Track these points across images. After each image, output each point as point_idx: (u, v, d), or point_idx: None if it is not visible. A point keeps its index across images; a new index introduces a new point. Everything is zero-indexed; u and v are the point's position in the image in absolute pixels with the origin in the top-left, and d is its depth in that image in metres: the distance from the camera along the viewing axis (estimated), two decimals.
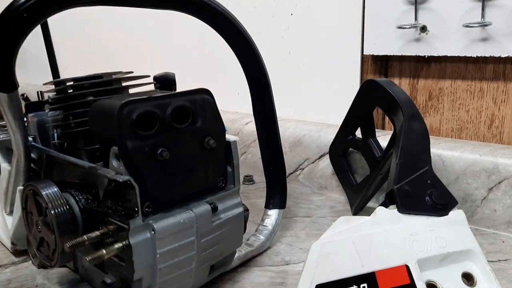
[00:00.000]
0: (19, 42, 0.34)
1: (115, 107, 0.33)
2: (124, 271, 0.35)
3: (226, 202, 0.40)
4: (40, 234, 0.38)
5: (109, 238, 0.35)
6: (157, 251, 0.34)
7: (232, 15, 0.45)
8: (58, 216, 0.35)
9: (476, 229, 0.54)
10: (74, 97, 0.42)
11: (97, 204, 0.37)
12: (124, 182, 0.33)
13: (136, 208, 0.33)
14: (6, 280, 0.45)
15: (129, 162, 0.33)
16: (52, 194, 0.36)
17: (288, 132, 0.72)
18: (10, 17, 0.32)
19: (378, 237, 0.38)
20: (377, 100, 0.55)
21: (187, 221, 0.36)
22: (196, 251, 0.37)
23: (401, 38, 0.59)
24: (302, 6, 0.71)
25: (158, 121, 0.34)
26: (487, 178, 0.53)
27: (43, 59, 0.99)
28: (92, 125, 0.38)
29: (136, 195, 0.33)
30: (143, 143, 0.34)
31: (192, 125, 0.37)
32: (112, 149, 0.34)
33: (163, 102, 0.35)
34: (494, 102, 0.57)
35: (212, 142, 0.37)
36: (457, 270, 0.38)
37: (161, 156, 0.34)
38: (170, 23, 0.92)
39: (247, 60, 0.47)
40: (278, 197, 0.52)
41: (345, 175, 0.64)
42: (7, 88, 0.35)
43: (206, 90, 0.38)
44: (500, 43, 0.52)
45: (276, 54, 0.76)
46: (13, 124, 0.38)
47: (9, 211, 0.47)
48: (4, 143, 0.47)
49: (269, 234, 0.50)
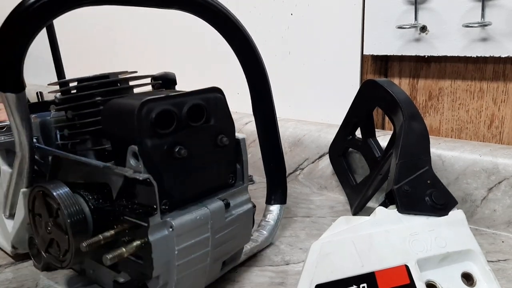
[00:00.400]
0: (28, 42, 0.34)
1: (134, 106, 0.33)
2: (142, 269, 0.35)
3: (236, 199, 0.41)
4: (49, 236, 0.38)
5: (125, 237, 0.35)
6: (175, 247, 0.34)
7: (234, 15, 0.45)
8: (71, 216, 0.36)
9: (476, 229, 0.54)
10: (83, 97, 0.42)
11: (109, 203, 0.37)
12: (144, 180, 0.33)
13: (155, 206, 0.34)
14: (6, 280, 0.45)
15: (148, 160, 0.33)
16: (64, 195, 0.36)
17: (288, 132, 0.72)
18: (19, 17, 0.32)
19: (378, 237, 0.38)
20: (377, 100, 0.55)
21: (203, 217, 0.36)
22: (211, 247, 0.38)
23: (401, 38, 0.59)
24: (302, 6, 0.71)
25: (176, 120, 0.35)
26: (487, 178, 0.53)
27: (42, 59, 0.99)
28: (106, 124, 0.37)
29: (155, 192, 0.33)
30: (161, 141, 0.34)
31: (206, 123, 0.37)
32: (130, 147, 0.34)
33: (179, 101, 0.35)
34: (494, 102, 0.57)
35: (225, 140, 0.38)
36: (456, 270, 0.38)
37: (179, 154, 0.34)
38: (169, 22, 0.92)
39: (247, 60, 0.48)
40: (279, 193, 0.53)
41: (345, 175, 0.64)
42: (15, 88, 0.36)
43: (218, 88, 0.39)
44: (500, 43, 0.52)
45: (276, 54, 0.76)
46: (19, 125, 0.38)
47: (9, 214, 0.47)
48: (4, 145, 0.47)
49: (272, 229, 0.51)
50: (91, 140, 0.43)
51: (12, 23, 0.33)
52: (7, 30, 0.33)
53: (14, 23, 0.33)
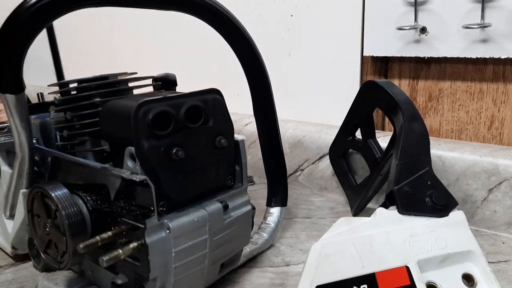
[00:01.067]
0: (28, 44, 0.34)
1: (131, 107, 0.33)
2: (139, 271, 0.35)
3: (235, 201, 0.40)
4: (48, 237, 0.38)
5: (122, 239, 0.35)
6: (172, 250, 0.34)
7: (234, 16, 0.45)
8: (69, 217, 0.36)
9: (476, 230, 0.54)
10: (81, 98, 0.42)
11: (107, 205, 0.37)
12: (141, 182, 0.33)
13: (152, 208, 0.34)
14: (6, 281, 0.45)
15: (145, 162, 0.33)
16: (62, 196, 0.36)
17: (288, 133, 0.72)
18: (20, 17, 0.32)
19: (378, 238, 0.38)
20: (377, 101, 0.55)
21: (201, 219, 0.36)
22: (209, 249, 0.37)
23: (401, 39, 0.60)
24: (302, 7, 0.71)
25: (173, 121, 0.34)
26: (487, 179, 0.53)
27: (42, 60, 0.99)
28: (104, 126, 0.37)
29: (152, 194, 0.33)
30: (159, 143, 0.34)
31: (204, 125, 0.37)
32: (127, 149, 0.34)
33: (177, 102, 0.35)
34: (494, 103, 0.57)
35: (224, 141, 0.38)
36: (457, 271, 0.38)
37: (176, 155, 0.34)
38: (170, 24, 0.92)
39: (248, 61, 0.48)
40: (280, 195, 0.53)
41: (345, 176, 0.64)
42: (15, 89, 0.35)
43: (217, 90, 0.38)
44: (500, 44, 0.52)
45: (276, 55, 0.76)
46: (19, 126, 0.38)
47: (9, 215, 0.46)
48: (4, 146, 0.47)
49: (272, 232, 0.51)
50: (90, 141, 0.42)
51: (13, 23, 0.33)
52: (7, 31, 0.33)
53: (14, 24, 0.33)
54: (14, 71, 0.34)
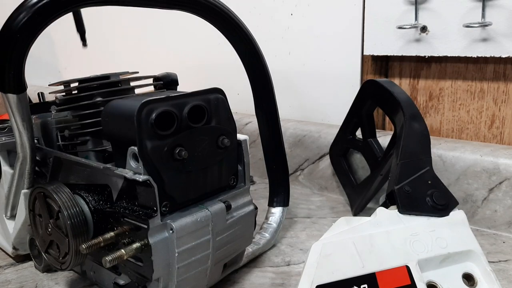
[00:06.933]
0: (29, 43, 0.34)
1: (134, 107, 0.33)
2: (142, 271, 0.35)
3: (238, 201, 0.41)
4: (50, 237, 0.38)
5: (125, 239, 0.35)
6: (175, 250, 0.34)
7: (235, 15, 0.45)
8: (71, 218, 0.35)
9: (477, 229, 0.54)
10: (83, 98, 0.42)
11: (110, 205, 0.37)
12: (144, 182, 0.33)
13: (155, 208, 0.33)
14: (6, 281, 0.45)
15: (148, 162, 0.33)
16: (64, 196, 0.36)
17: (288, 132, 0.72)
18: (22, 17, 0.32)
19: (378, 237, 0.38)
20: (378, 100, 0.55)
21: (204, 219, 0.36)
22: (212, 249, 0.37)
23: (401, 38, 0.59)
24: (302, 6, 0.71)
25: (176, 121, 0.34)
26: (488, 178, 0.53)
27: (43, 60, 0.99)
28: (106, 125, 0.37)
29: (155, 194, 0.33)
30: (162, 143, 0.34)
31: (207, 124, 0.37)
32: (130, 149, 0.34)
33: (180, 102, 0.35)
34: (495, 103, 0.57)
35: (227, 141, 0.38)
36: (457, 271, 0.38)
37: (179, 155, 0.34)
38: (170, 23, 0.92)
39: (250, 61, 0.48)
40: (282, 195, 0.53)
41: (346, 176, 0.64)
42: (16, 89, 0.35)
43: (219, 89, 0.38)
44: (501, 43, 0.52)
45: (276, 54, 0.76)
46: (20, 126, 0.38)
47: (10, 215, 0.46)
48: (5, 146, 0.47)
49: (274, 232, 0.51)
50: (92, 141, 0.42)
51: (14, 23, 0.33)
52: (9, 31, 0.33)
53: (16, 23, 0.33)
54: (15, 71, 0.34)
